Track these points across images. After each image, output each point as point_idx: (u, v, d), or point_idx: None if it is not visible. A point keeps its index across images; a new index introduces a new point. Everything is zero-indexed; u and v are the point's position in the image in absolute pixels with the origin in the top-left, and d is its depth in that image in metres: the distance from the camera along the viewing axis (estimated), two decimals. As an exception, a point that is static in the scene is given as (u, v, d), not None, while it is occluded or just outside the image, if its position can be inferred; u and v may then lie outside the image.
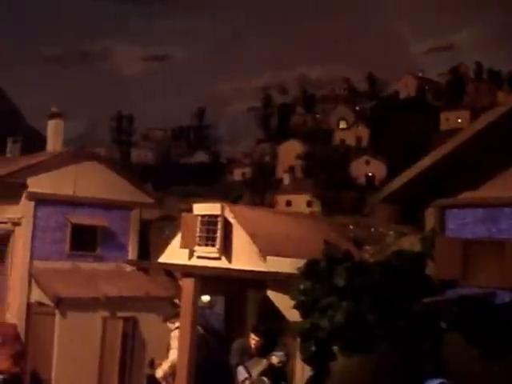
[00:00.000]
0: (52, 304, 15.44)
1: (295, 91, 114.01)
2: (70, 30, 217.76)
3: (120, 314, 16.23)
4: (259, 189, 55.46)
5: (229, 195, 44.82)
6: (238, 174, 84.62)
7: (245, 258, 9.80)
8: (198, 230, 10.53)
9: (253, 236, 9.70)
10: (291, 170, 75.74)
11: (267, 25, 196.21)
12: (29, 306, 16.45)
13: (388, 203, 13.49)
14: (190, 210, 19.24)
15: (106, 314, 15.95)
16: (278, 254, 9.47)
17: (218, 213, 10.18)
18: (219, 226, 10.12)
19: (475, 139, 10.35)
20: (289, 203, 57.79)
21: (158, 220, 22.71)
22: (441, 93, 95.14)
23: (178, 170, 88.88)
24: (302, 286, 7.82)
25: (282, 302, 8.98)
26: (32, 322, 16.23)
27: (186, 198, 28.22)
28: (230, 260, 10.10)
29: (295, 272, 8.24)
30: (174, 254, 11.28)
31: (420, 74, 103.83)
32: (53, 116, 19.01)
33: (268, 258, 9.44)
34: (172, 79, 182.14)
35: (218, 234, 10.12)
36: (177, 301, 16.72)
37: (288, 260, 9.13)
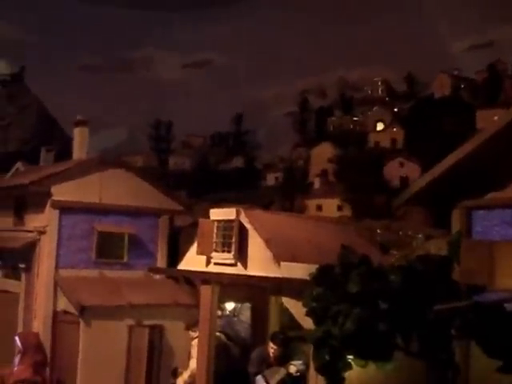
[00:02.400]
0: (76, 312, 15.49)
1: (334, 94, 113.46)
2: (110, 37, 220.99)
3: (147, 322, 16.20)
4: (289, 193, 55.03)
5: (261, 200, 44.64)
6: (271, 179, 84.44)
7: (260, 263, 9.59)
8: (214, 235, 10.38)
9: (267, 241, 9.49)
10: (324, 173, 75.17)
11: (306, 28, 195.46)
12: (55, 314, 16.58)
13: (413, 205, 13.15)
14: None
15: (131, 322, 15.94)
16: (294, 260, 9.24)
17: (233, 218, 10.01)
18: (234, 231, 9.95)
19: (501, 136, 9.97)
20: (319, 208, 57.22)
21: (188, 227, 22.71)
22: (477, 91, 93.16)
23: (214, 176, 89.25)
24: (314, 293, 7.56)
25: (297, 309, 8.75)
26: (58, 330, 16.36)
27: (218, 205, 28.11)
28: (245, 266, 9.91)
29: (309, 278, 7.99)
30: (193, 260, 11.15)
31: (455, 73, 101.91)
32: (78, 123, 19.14)
33: (283, 263, 9.22)
34: (211, 85, 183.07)
35: (234, 239, 9.95)
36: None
37: (303, 266, 8.89)
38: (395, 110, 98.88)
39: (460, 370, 6.39)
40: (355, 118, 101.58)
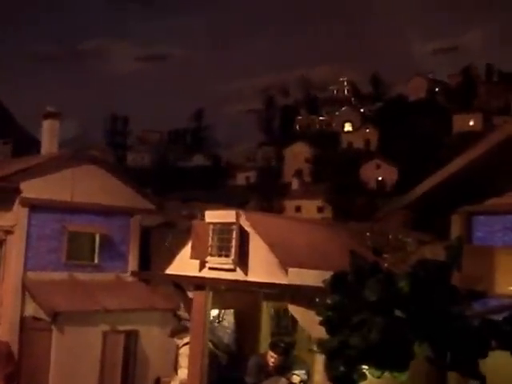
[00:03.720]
0: (48, 318, 15.08)
1: (296, 93, 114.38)
2: (64, 28, 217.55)
3: (121, 328, 15.96)
4: (267, 194, 55.17)
5: (233, 200, 44.51)
6: (241, 179, 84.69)
7: (263, 269, 9.46)
8: (210, 239, 10.22)
9: (272, 246, 9.37)
10: (298, 173, 75.73)
11: (268, 25, 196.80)
12: (22, 320, 16.05)
13: (409, 209, 13.29)
14: (193, 216, 19.16)
15: (106, 327, 15.64)
16: (299, 266, 9.17)
17: (233, 221, 9.85)
18: (234, 234, 9.80)
19: (503, 144, 10.16)
20: (298, 209, 57.54)
21: (159, 226, 22.41)
22: (451, 95, 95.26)
23: (176, 173, 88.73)
24: (329, 301, 7.49)
25: (305, 317, 8.67)
26: (26, 338, 15.79)
27: (187, 204, 27.99)
28: (246, 272, 9.77)
29: (320, 285, 7.94)
30: (184, 264, 10.96)
31: (430, 76, 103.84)
32: (48, 116, 18.62)
33: (290, 269, 9.13)
34: (168, 79, 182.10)
35: (233, 243, 9.80)
36: (180, 313, 16.49)
37: (311, 272, 8.84)
38: (361, 110, 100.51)
39: (485, 379, 6.43)
40: (322, 118, 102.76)
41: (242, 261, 9.82)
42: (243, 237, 9.82)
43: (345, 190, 46.70)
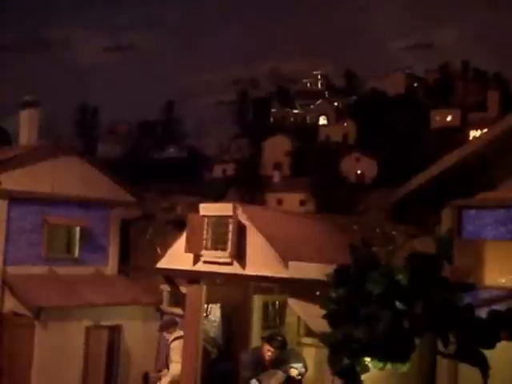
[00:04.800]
0: (31, 314, 14.96)
1: (267, 85, 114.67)
2: (28, 15, 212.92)
3: (104, 323, 15.96)
4: (247, 187, 55.29)
5: (211, 193, 44.51)
6: (218, 171, 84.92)
7: (261, 263, 9.55)
8: (204, 232, 10.30)
9: (270, 239, 9.50)
10: (278, 166, 76.12)
11: (240, 17, 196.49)
12: (2, 316, 15.98)
13: (402, 202, 13.59)
14: (173, 209, 19.16)
15: (89, 323, 15.60)
16: (298, 259, 9.33)
17: (230, 214, 9.93)
18: (231, 228, 9.89)
19: (497, 140, 10.45)
20: (280, 202, 58.06)
21: (138, 219, 22.39)
22: (429, 90, 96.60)
23: (149, 165, 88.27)
24: (334, 294, 7.69)
25: (306, 310, 8.85)
26: (7, 334, 15.68)
27: (166, 196, 27.97)
28: (243, 265, 9.87)
29: (321, 278, 8.13)
30: (177, 258, 11.03)
31: (408, 71, 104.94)
32: (26, 105, 18.46)
33: (289, 263, 9.27)
34: (138, 70, 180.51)
35: (230, 236, 9.90)
36: (163, 307, 16.59)
37: (310, 265, 9.02)
38: (335, 104, 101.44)
39: (490, 368, 6.70)
40: (296, 111, 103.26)
41: (239, 254, 9.90)
42: (240, 230, 9.91)
43: (329, 183, 47.29)
